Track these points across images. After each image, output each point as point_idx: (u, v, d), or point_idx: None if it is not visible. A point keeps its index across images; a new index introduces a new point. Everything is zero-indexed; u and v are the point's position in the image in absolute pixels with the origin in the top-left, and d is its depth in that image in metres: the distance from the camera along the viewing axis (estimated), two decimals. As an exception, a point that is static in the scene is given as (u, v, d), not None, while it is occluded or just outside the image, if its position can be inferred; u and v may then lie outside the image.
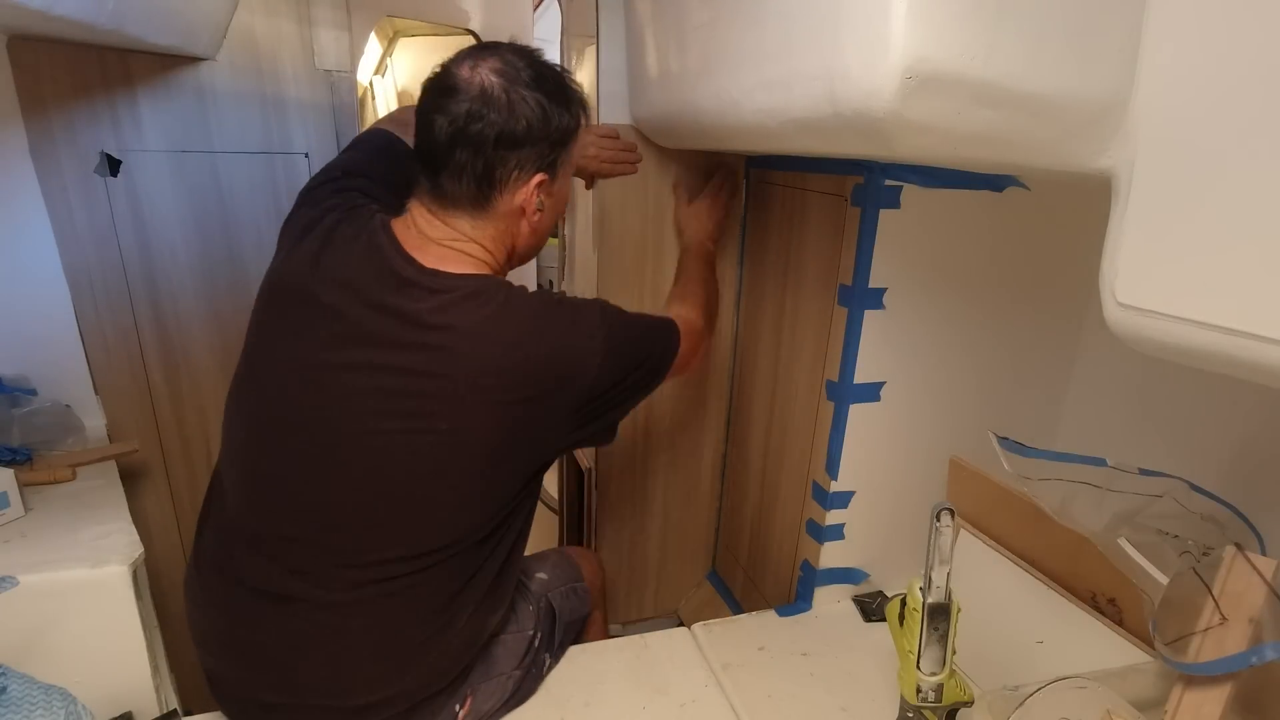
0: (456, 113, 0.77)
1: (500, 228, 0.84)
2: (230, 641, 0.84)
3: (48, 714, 0.72)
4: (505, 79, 0.78)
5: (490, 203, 0.81)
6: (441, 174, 0.80)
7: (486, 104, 0.77)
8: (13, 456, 1.11)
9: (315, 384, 0.79)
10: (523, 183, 0.81)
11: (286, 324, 0.82)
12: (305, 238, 0.84)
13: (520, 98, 0.78)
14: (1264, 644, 0.62)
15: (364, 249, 0.81)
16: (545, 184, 0.83)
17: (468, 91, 0.77)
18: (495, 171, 0.79)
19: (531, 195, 0.82)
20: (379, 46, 2.73)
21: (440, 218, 0.82)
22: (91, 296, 1.23)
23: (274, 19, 1.23)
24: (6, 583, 0.87)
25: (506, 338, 0.79)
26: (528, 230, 0.86)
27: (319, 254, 0.82)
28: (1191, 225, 0.51)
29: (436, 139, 0.78)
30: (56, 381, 1.24)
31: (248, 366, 0.86)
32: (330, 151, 1.32)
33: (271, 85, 1.26)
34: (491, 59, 0.78)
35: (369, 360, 0.77)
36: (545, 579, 1.05)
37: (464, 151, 0.78)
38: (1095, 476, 0.85)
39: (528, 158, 0.80)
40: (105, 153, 1.18)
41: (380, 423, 0.77)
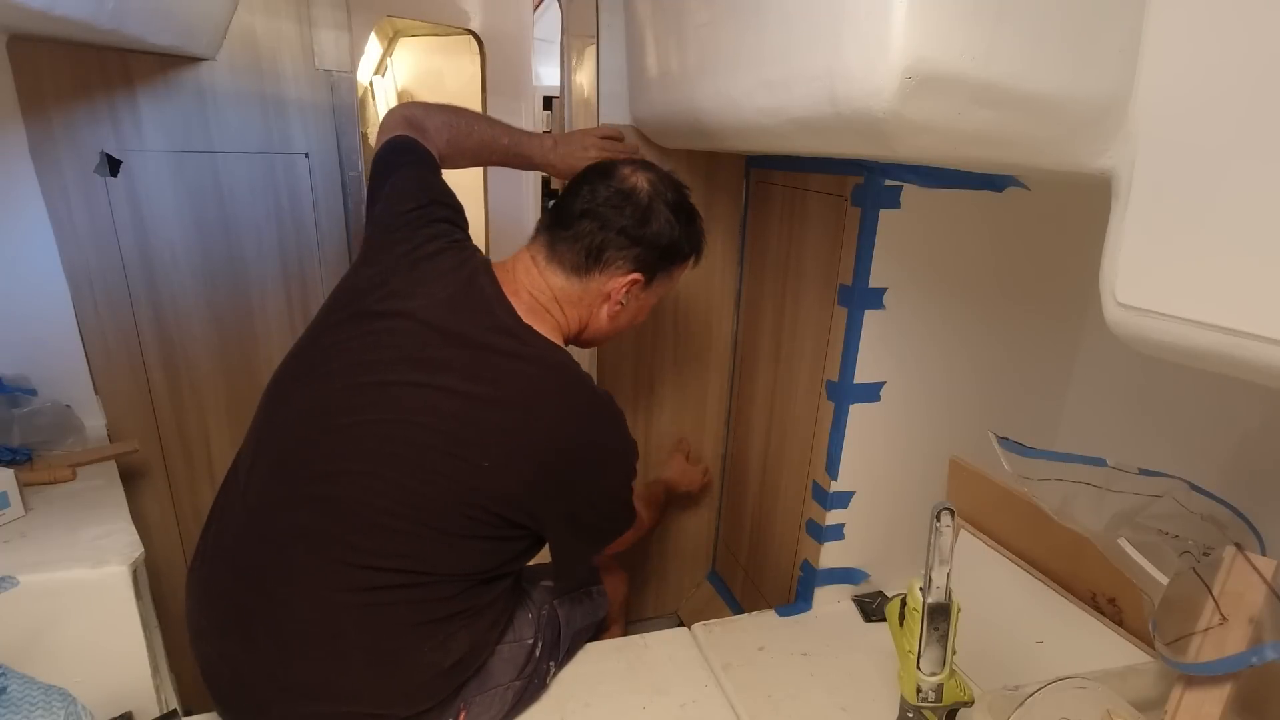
0: (602, 193, 0.89)
1: (584, 303, 0.92)
2: (228, 635, 0.84)
3: (48, 714, 0.72)
4: (653, 189, 0.91)
5: (587, 275, 0.90)
6: (562, 232, 0.90)
7: (628, 199, 0.89)
8: (13, 456, 1.11)
9: (382, 394, 0.82)
10: (620, 273, 0.91)
11: (366, 333, 0.85)
12: (402, 260, 0.89)
13: (657, 210, 0.90)
14: (1264, 644, 0.62)
15: (465, 284, 0.88)
16: (636, 285, 0.92)
17: (622, 183, 0.90)
18: (605, 253, 0.89)
19: (621, 288, 0.91)
20: (379, 46, 2.73)
21: (540, 269, 0.91)
22: (91, 296, 1.23)
23: (274, 19, 1.23)
24: (6, 583, 0.87)
25: (575, 407, 0.87)
26: (604, 319, 0.94)
27: (418, 280, 0.87)
28: (1191, 225, 0.51)
29: (575, 205, 0.90)
30: (56, 381, 1.23)
31: (309, 360, 0.88)
32: (330, 151, 1.32)
33: (271, 85, 1.25)
34: (650, 172, 0.92)
35: (440, 383, 0.81)
36: (551, 585, 1.04)
37: (590, 224, 0.89)
38: (1095, 476, 0.85)
39: (635, 256, 0.90)
40: (105, 153, 1.18)
41: (432, 440, 0.80)
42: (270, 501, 0.83)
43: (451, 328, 0.84)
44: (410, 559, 0.81)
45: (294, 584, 0.80)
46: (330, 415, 0.83)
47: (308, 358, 0.88)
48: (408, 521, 0.80)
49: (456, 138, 1.08)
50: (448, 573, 0.83)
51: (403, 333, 0.84)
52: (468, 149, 1.10)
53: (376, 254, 0.92)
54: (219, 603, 0.85)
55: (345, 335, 0.86)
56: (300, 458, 0.83)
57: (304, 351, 0.90)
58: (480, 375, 0.83)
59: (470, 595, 0.86)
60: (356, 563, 0.80)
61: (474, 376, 0.82)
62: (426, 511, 0.81)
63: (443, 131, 1.06)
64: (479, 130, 1.12)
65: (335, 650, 0.81)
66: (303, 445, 0.83)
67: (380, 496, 0.80)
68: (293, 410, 0.86)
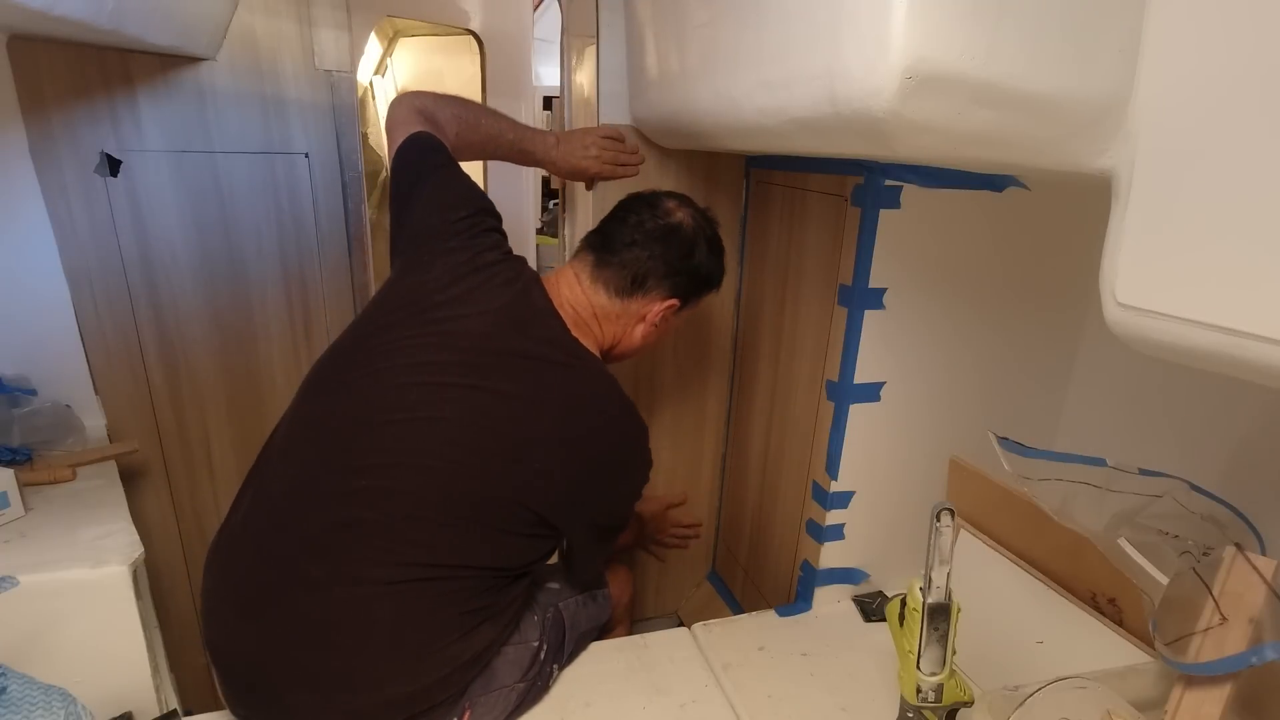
0: (653, 226, 0.97)
1: (621, 321, 0.99)
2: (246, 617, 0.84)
3: (48, 714, 0.72)
4: (696, 225, 1.00)
5: (630, 297, 0.98)
6: (609, 257, 0.97)
7: (674, 233, 0.98)
8: (13, 456, 1.11)
9: (439, 392, 0.85)
10: (658, 299, 0.99)
11: (424, 332, 0.88)
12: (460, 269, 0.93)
13: (701, 245, 1.00)
14: (1264, 644, 0.62)
15: (518, 296, 0.93)
16: (671, 310, 1.00)
17: (669, 218, 0.98)
18: (649, 280, 0.97)
19: (658, 312, 0.99)
20: (379, 46, 2.73)
21: (583, 286, 0.98)
22: (91, 296, 1.23)
23: (274, 19, 1.23)
24: (6, 583, 0.87)
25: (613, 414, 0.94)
26: (637, 337, 1.01)
27: (474, 289, 0.92)
28: (1191, 225, 0.51)
29: (624, 234, 0.97)
30: (56, 381, 1.24)
31: (347, 359, 0.91)
32: (330, 151, 1.32)
33: (271, 85, 1.26)
34: (691, 208, 1.01)
35: (493, 386, 0.86)
36: (556, 588, 1.03)
37: (639, 252, 0.97)
38: (1095, 476, 0.85)
39: (674, 284, 0.99)
40: (105, 153, 1.18)
41: (484, 439, 0.85)
42: (313, 489, 0.84)
43: (507, 337, 0.89)
44: (448, 552, 0.83)
45: (330, 569, 0.81)
46: (383, 411, 0.85)
47: (358, 355, 0.90)
48: (452, 516, 0.83)
49: (465, 131, 1.09)
50: (481, 566, 0.86)
51: (461, 336, 0.88)
52: (474, 142, 1.12)
53: (433, 259, 0.94)
54: (241, 584, 0.85)
55: (401, 336, 0.89)
56: (350, 449, 0.85)
57: (353, 349, 0.92)
58: (531, 382, 0.88)
59: (496, 591, 0.88)
60: (396, 552, 0.82)
61: (526, 383, 0.87)
62: (472, 507, 0.84)
63: (453, 124, 1.08)
64: (485, 124, 1.13)
65: (361, 638, 0.81)
66: (353, 438, 0.85)
67: (430, 490, 0.83)
68: (341, 403, 0.88)
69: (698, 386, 1.44)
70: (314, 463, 0.86)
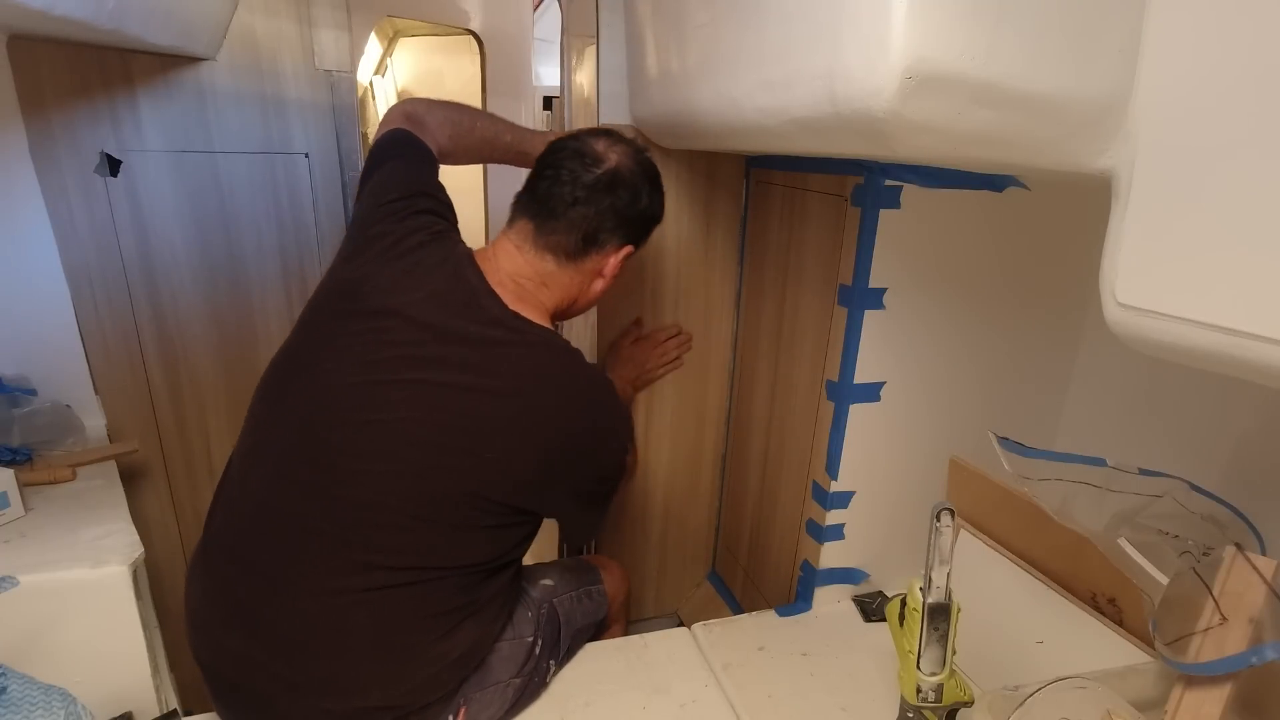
0: (592, 179, 0.90)
1: (575, 280, 0.94)
2: (231, 630, 0.83)
3: (48, 714, 0.72)
4: (634, 166, 0.93)
5: (584, 258, 0.92)
6: (552, 223, 0.90)
7: (618, 182, 0.91)
8: (13, 456, 1.11)
9: (381, 390, 0.82)
10: (614, 250, 0.94)
11: (360, 330, 0.85)
12: (387, 254, 0.89)
13: (643, 187, 0.93)
14: (1264, 644, 0.62)
15: (451, 277, 0.88)
16: (628, 256, 0.95)
17: (604, 165, 0.91)
18: (600, 235, 0.91)
19: (616, 263, 0.94)
20: (379, 46, 2.73)
21: (525, 256, 0.91)
22: (91, 296, 1.23)
23: (274, 19, 1.23)
24: (6, 583, 0.87)
25: (572, 389, 0.89)
26: (596, 289, 0.97)
27: (403, 274, 0.88)
28: (1191, 225, 0.51)
29: (561, 194, 0.90)
30: (56, 381, 1.24)
31: (302, 358, 0.88)
32: (330, 151, 1.32)
33: (271, 85, 1.26)
34: (623, 145, 0.93)
35: (437, 379, 0.82)
36: (551, 584, 1.04)
37: (584, 211, 0.90)
38: (1095, 476, 0.85)
39: (626, 232, 0.94)
40: (105, 153, 1.18)
41: (434, 436, 0.82)
42: (275, 500, 0.83)
43: (445, 322, 0.85)
44: (418, 554, 0.82)
45: (301, 580, 0.81)
46: (333, 414, 0.83)
47: (301, 357, 0.88)
48: (415, 518, 0.81)
49: (459, 134, 1.08)
50: (454, 565, 0.84)
51: (397, 330, 0.84)
52: (470, 145, 1.11)
53: (359, 249, 0.91)
54: (222, 597, 0.85)
55: (338, 334, 0.86)
56: (305, 456, 0.83)
57: (296, 350, 0.90)
58: (478, 367, 0.84)
59: (475, 587, 0.87)
60: (364, 559, 0.81)
61: (472, 369, 0.83)
62: (434, 506, 0.82)
63: (444, 127, 1.06)
64: (481, 127, 1.12)
65: (342, 645, 0.81)
66: (307, 444, 0.83)
67: (389, 494, 0.81)
68: (292, 409, 0.86)
69: (698, 386, 1.44)
70: (273, 477, 0.84)
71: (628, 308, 1.34)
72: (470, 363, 0.84)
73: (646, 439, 1.44)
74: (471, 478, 0.83)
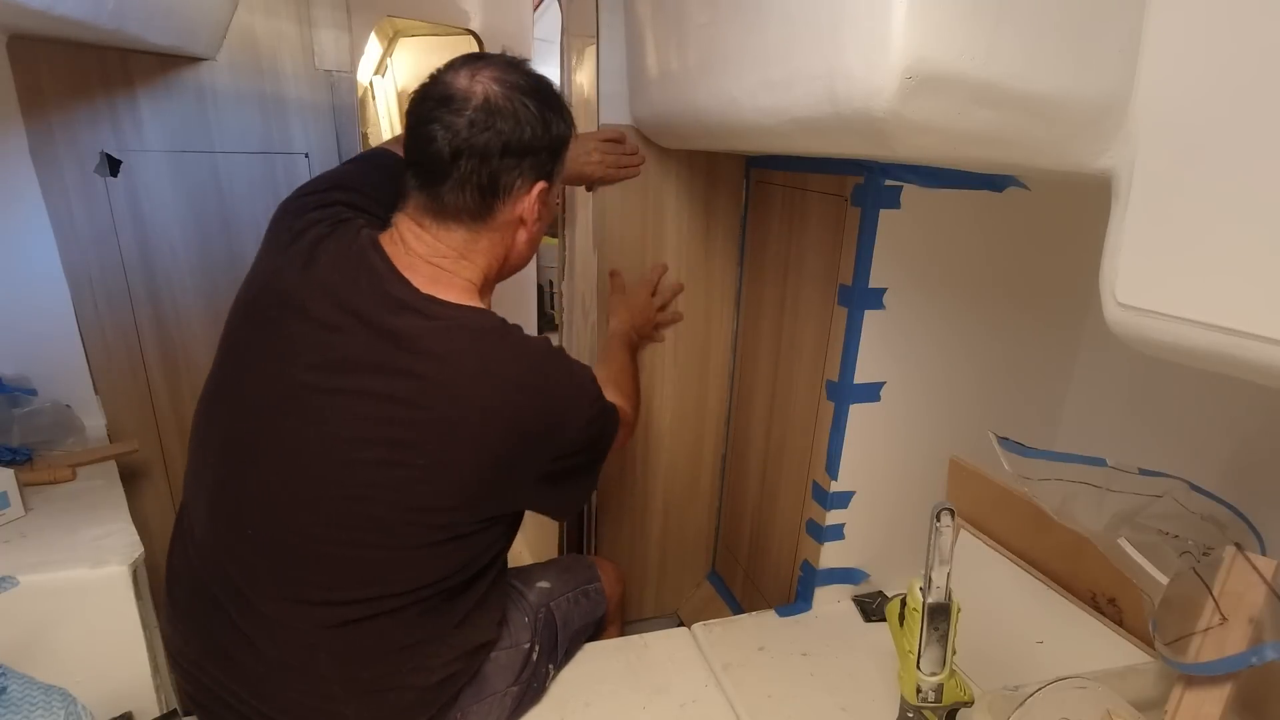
0: (459, 123, 0.75)
1: (496, 239, 0.81)
2: (206, 663, 0.82)
3: (48, 714, 0.72)
4: (506, 87, 0.77)
5: (492, 213, 0.79)
6: (441, 186, 0.77)
7: (492, 113, 0.75)
8: (13, 456, 1.11)
9: (296, 408, 0.75)
10: (525, 191, 0.80)
11: (267, 343, 0.78)
12: (288, 252, 0.80)
13: (523, 105, 0.77)
14: (1264, 644, 0.62)
15: (354, 267, 0.78)
16: (545, 192, 0.82)
17: (470, 100, 0.75)
18: (500, 180, 0.78)
19: (533, 205, 0.81)
20: (379, 46, 2.73)
21: (431, 231, 0.79)
22: (91, 296, 1.23)
23: (274, 19, 1.23)
24: (6, 583, 0.87)
25: (503, 374, 0.77)
26: (524, 239, 0.84)
27: (305, 270, 0.78)
28: (1191, 225, 0.51)
29: (437, 150, 0.76)
30: (56, 381, 1.24)
31: (221, 384, 0.82)
32: (330, 151, 1.32)
33: (271, 85, 1.26)
34: (489, 68, 0.77)
35: (354, 385, 0.74)
36: (548, 587, 1.02)
37: (469, 162, 0.76)
38: (1095, 476, 0.85)
39: (531, 166, 0.79)
40: (105, 153, 1.18)
41: (358, 452, 0.74)
42: (215, 543, 0.79)
43: (353, 323, 0.75)
44: (367, 584, 0.77)
45: (258, 625, 0.78)
46: (250, 444, 0.77)
47: (219, 381, 0.82)
48: (360, 545, 0.76)
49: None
50: (416, 588, 0.78)
51: (304, 337, 0.76)
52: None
53: (261, 257, 0.84)
54: (195, 634, 0.83)
55: (244, 352, 0.80)
56: (232, 495, 0.78)
57: (212, 377, 0.83)
58: (393, 365, 0.74)
59: (445, 608, 0.82)
60: (313, 599, 0.76)
61: (387, 368, 0.74)
62: (377, 530, 0.75)
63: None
64: None
65: (315, 684, 0.79)
66: (232, 480, 0.78)
67: (320, 526, 0.75)
68: (215, 440, 0.80)
69: (698, 386, 1.44)
70: (210, 514, 0.80)
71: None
72: (384, 361, 0.74)
73: (647, 439, 1.44)
74: (409, 492, 0.74)
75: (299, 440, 0.75)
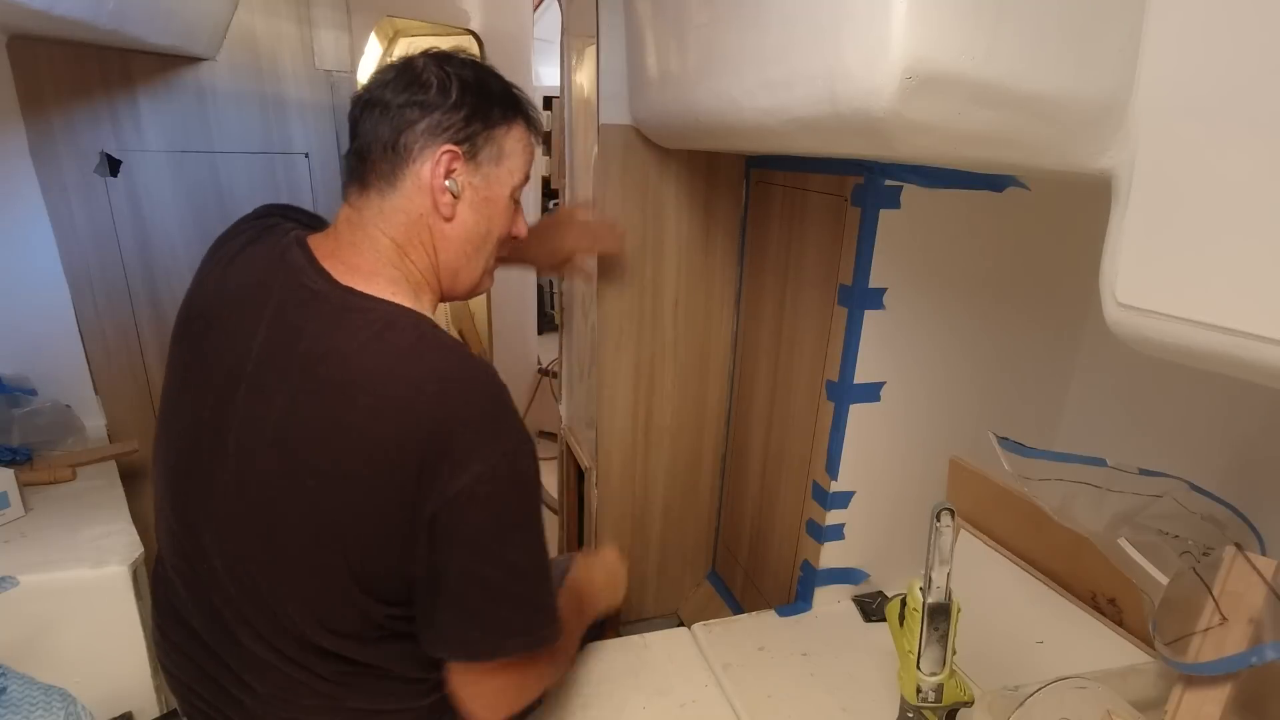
0: (375, 80, 0.74)
1: (411, 215, 0.73)
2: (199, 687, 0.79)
3: (48, 714, 0.72)
4: (436, 61, 0.74)
5: (398, 175, 0.73)
6: (365, 155, 0.74)
7: (406, 70, 0.73)
8: (13, 456, 1.11)
9: (214, 435, 0.70)
10: (430, 152, 0.72)
11: (191, 362, 0.75)
12: (212, 262, 0.78)
13: (438, 69, 0.73)
14: (1264, 644, 0.62)
15: (270, 263, 0.74)
16: (458, 162, 0.73)
17: (394, 67, 0.74)
18: (403, 136, 0.72)
19: (438, 168, 0.72)
20: (379, 46, 2.73)
21: (356, 208, 0.75)
22: (91, 296, 1.23)
23: (274, 19, 1.24)
24: (6, 583, 0.87)
25: (411, 379, 0.66)
26: (444, 228, 0.75)
27: (223, 278, 0.75)
28: (1192, 225, 0.51)
29: (353, 114, 0.74)
30: (56, 381, 1.24)
31: (161, 414, 0.79)
32: (330, 151, 1.32)
33: (271, 85, 1.26)
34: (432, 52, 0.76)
35: (262, 396, 0.68)
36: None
37: (374, 113, 0.72)
38: (1095, 476, 0.85)
39: (437, 123, 0.72)
40: (105, 153, 1.18)
41: (269, 475, 0.68)
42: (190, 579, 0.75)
43: (271, 317, 0.70)
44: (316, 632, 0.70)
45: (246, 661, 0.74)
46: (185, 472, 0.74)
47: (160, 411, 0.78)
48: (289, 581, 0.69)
49: None
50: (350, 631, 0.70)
51: (215, 351, 0.72)
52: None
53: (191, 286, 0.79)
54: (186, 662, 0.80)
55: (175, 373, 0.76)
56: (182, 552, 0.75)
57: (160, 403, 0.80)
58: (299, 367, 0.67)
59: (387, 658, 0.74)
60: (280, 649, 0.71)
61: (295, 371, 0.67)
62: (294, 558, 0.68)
63: None
64: None
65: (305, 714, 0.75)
66: (177, 539, 0.76)
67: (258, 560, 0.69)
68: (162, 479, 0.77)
69: (698, 386, 1.44)
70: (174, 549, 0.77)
71: (626, 299, 1.34)
72: (294, 363, 0.67)
73: (647, 439, 1.44)
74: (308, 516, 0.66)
75: (225, 472, 0.70)
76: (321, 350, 0.67)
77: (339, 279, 0.71)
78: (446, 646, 0.70)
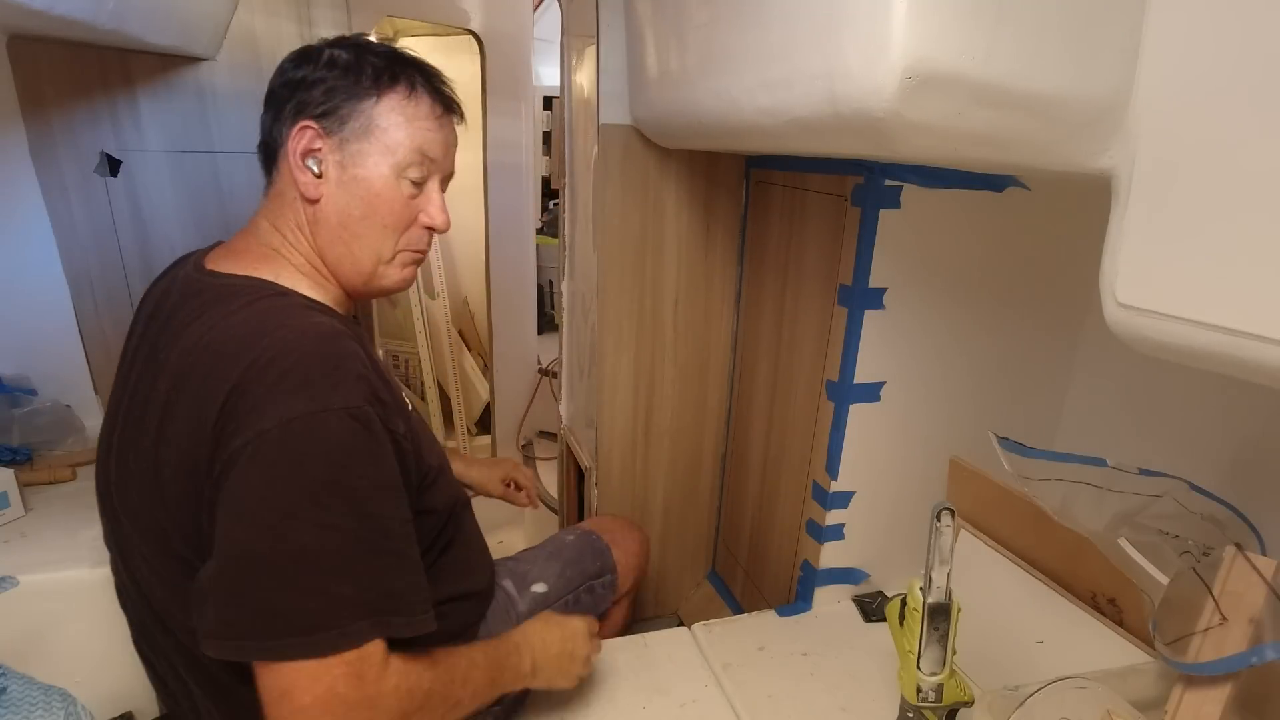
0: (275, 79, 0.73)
1: (286, 199, 0.71)
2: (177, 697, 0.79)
3: (48, 714, 0.72)
4: (330, 42, 0.72)
5: (274, 161, 0.72)
6: (259, 149, 0.74)
7: (291, 57, 0.72)
8: (13, 456, 1.11)
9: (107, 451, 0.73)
10: (290, 130, 0.69)
11: (115, 401, 0.75)
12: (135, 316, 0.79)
13: (319, 49, 0.71)
14: (1264, 644, 0.62)
15: (166, 285, 0.73)
16: (315, 138, 0.69)
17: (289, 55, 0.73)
18: (276, 123, 0.70)
19: (297, 148, 0.69)
20: (379, 46, 2.72)
21: (260, 205, 0.75)
22: (91, 296, 1.23)
23: (274, 19, 1.24)
24: (6, 583, 0.87)
25: (225, 339, 0.63)
26: (312, 210, 0.70)
27: (135, 320, 0.77)
28: (1192, 225, 0.51)
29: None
30: (56, 381, 1.24)
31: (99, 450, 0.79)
32: (330, 151, 1.32)
33: (271, 85, 1.26)
34: (336, 37, 0.75)
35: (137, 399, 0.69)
36: (544, 591, 1.00)
37: (267, 104, 0.72)
38: (1095, 476, 0.85)
39: (301, 102, 0.69)
40: (105, 153, 1.18)
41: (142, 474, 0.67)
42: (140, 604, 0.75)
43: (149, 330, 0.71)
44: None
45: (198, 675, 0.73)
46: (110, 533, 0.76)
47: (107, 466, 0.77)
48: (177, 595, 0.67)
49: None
50: None
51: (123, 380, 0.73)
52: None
53: None
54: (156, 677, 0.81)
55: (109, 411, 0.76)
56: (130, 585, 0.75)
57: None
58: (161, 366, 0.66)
59: None
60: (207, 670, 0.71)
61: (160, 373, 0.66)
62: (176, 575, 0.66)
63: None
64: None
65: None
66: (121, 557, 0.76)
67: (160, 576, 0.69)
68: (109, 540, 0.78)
69: (698, 386, 1.44)
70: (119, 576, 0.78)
71: (625, 300, 1.34)
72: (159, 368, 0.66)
73: (647, 439, 1.44)
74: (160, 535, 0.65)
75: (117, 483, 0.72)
76: (173, 332, 0.66)
77: (211, 268, 0.71)
78: (214, 635, 0.58)
